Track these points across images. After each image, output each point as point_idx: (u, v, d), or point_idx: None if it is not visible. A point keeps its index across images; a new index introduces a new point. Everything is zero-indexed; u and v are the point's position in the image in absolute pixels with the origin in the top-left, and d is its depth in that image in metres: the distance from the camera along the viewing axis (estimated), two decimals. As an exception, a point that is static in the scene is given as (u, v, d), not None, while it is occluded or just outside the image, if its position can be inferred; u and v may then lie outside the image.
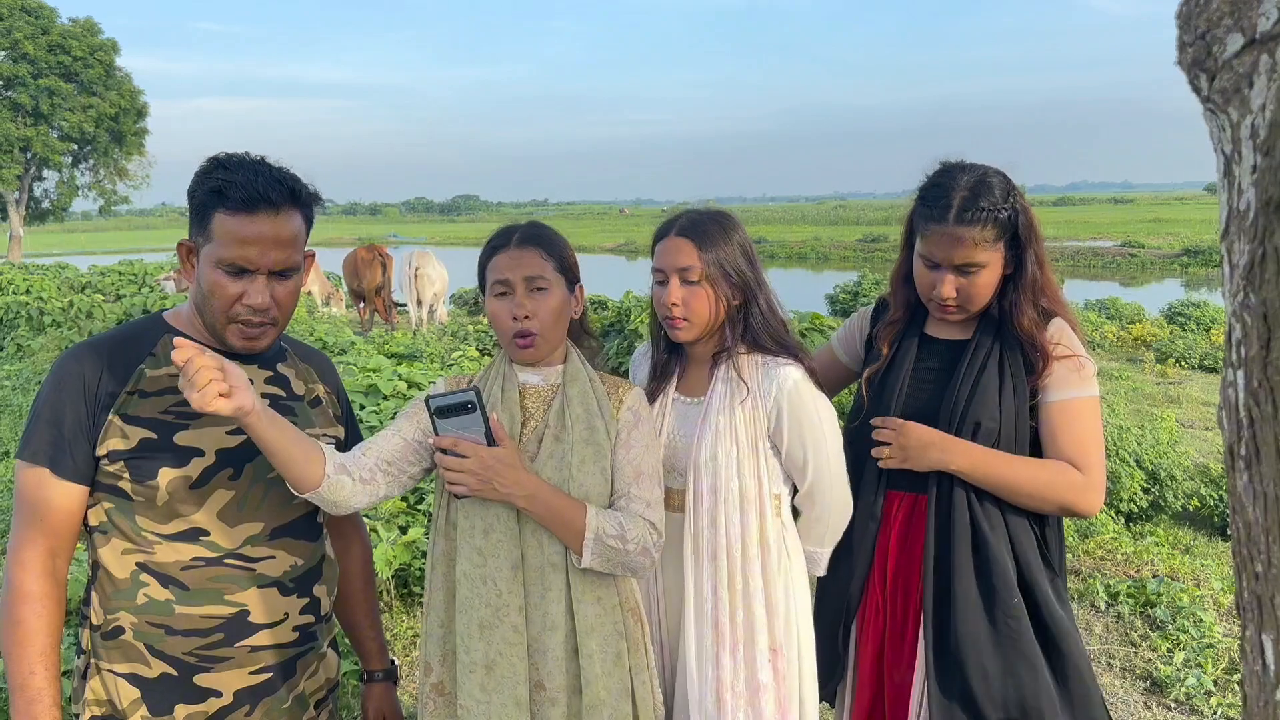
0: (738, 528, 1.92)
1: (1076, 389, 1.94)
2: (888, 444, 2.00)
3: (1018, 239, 1.96)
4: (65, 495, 1.61)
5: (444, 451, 1.71)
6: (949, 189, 1.93)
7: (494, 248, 1.84)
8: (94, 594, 1.67)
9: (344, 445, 1.86)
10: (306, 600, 1.75)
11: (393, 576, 4.26)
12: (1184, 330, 14.47)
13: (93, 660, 1.66)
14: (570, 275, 1.86)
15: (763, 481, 1.94)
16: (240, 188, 1.59)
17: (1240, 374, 0.66)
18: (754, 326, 1.98)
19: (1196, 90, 0.70)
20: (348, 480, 1.71)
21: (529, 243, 1.81)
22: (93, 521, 1.65)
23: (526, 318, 1.78)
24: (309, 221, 1.73)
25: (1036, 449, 1.98)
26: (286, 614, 1.71)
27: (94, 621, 1.66)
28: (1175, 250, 36.39)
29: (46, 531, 1.61)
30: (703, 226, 1.96)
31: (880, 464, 2.02)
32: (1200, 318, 15.16)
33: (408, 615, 4.28)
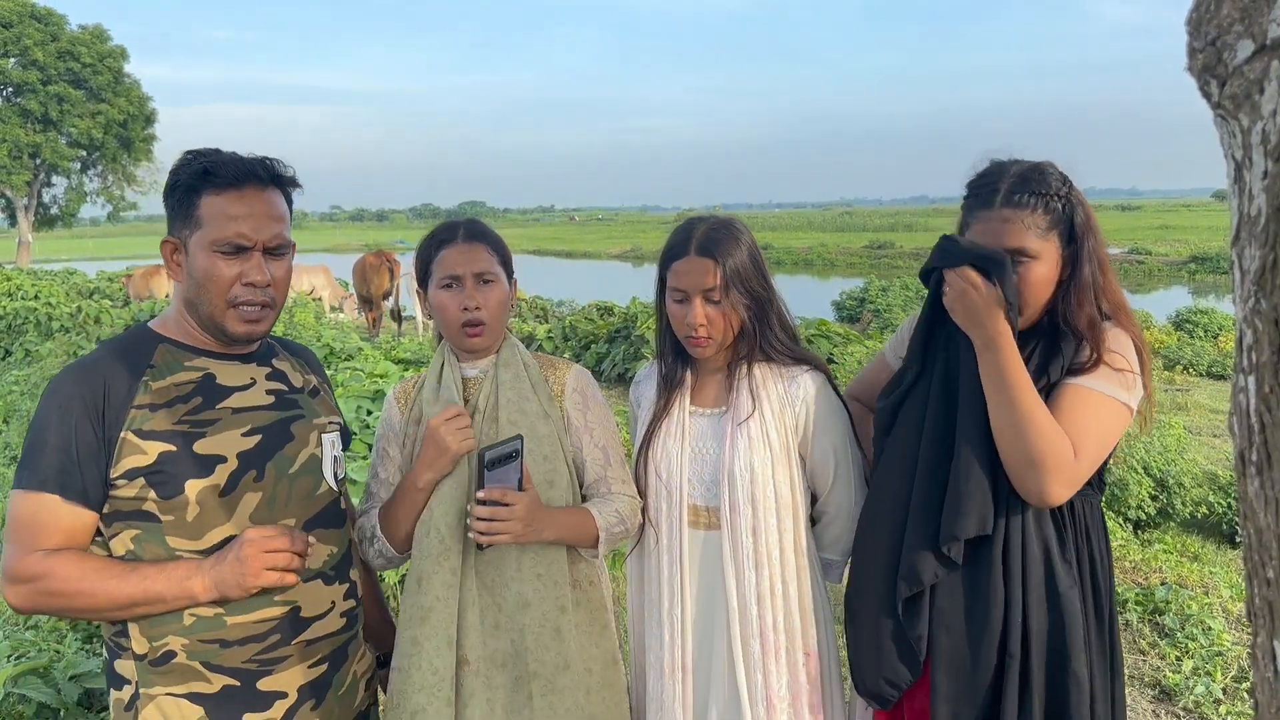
0: (776, 534, 1.94)
1: (1106, 384, 1.71)
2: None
3: (1074, 235, 1.77)
4: (75, 518, 1.56)
5: (482, 502, 1.71)
6: (998, 176, 1.80)
7: (440, 242, 1.92)
8: (132, 625, 1.60)
9: (343, 430, 1.89)
10: (347, 585, 1.78)
11: (400, 581, 4.26)
12: (1191, 337, 14.43)
13: (142, 690, 1.61)
14: (509, 268, 1.96)
15: (795, 487, 1.97)
16: (227, 165, 1.60)
17: (1251, 379, 0.66)
18: (770, 335, 1.99)
19: (1207, 96, 0.70)
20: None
21: (476, 238, 1.91)
22: (118, 551, 1.60)
23: (478, 308, 1.86)
24: (290, 205, 1.73)
25: None
26: (333, 602, 1.73)
27: (137, 651, 1.61)
28: (1183, 257, 36.33)
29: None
30: (720, 242, 1.94)
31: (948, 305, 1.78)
32: (1208, 324, 15.13)
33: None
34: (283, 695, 1.65)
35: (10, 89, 34.78)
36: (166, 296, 16.15)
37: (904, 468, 1.85)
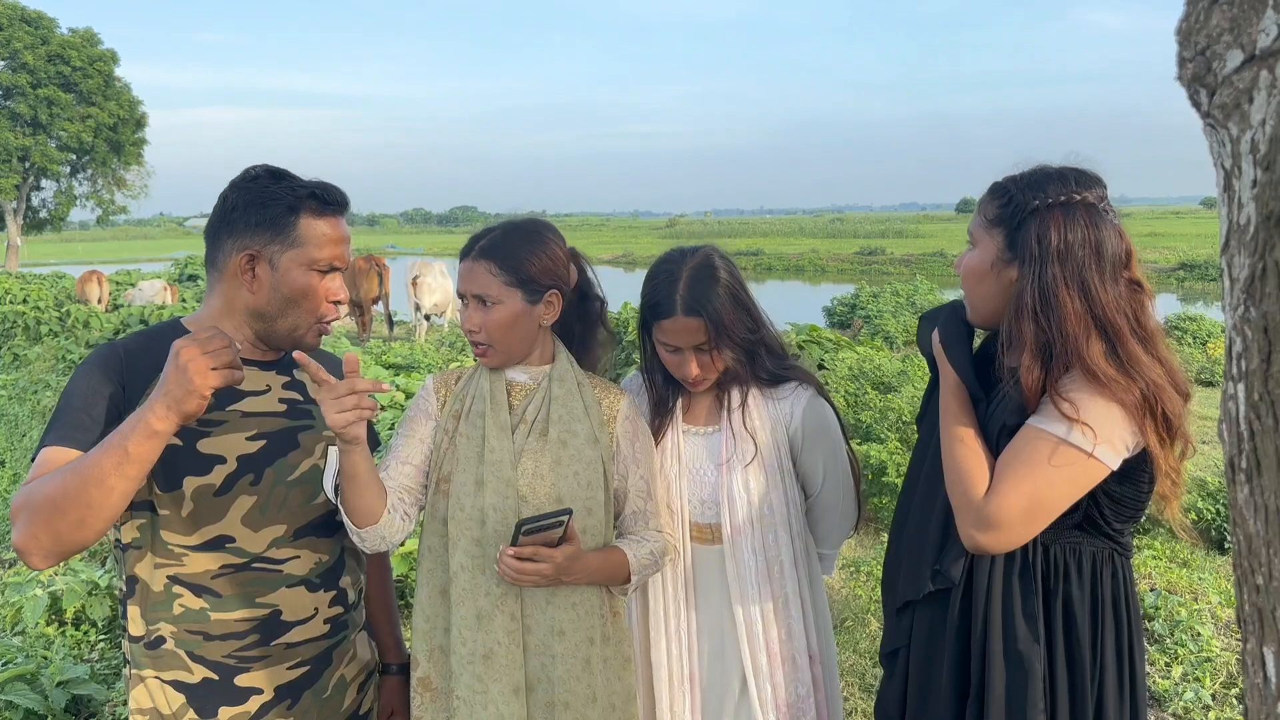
0: (775, 549, 1.98)
1: (1045, 421, 1.57)
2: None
3: (1020, 252, 1.63)
4: None
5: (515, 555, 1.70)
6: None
7: (460, 254, 1.88)
8: (132, 607, 1.70)
9: None
10: (334, 593, 1.80)
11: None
12: (1180, 344, 14.48)
13: (134, 670, 1.71)
14: (534, 284, 1.83)
15: (790, 501, 2.01)
16: (329, 191, 1.71)
17: (1241, 387, 0.67)
18: (760, 368, 2.01)
19: (1196, 105, 0.71)
20: (396, 517, 1.78)
21: (484, 255, 1.83)
22: (126, 539, 1.69)
23: (475, 331, 1.83)
24: None
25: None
26: (316, 609, 1.76)
27: (134, 633, 1.70)
28: (1172, 264, 36.46)
29: None
30: (704, 298, 1.91)
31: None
32: (1197, 331, 15.18)
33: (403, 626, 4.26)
34: (259, 691, 1.71)
35: (0, 92, 34.64)
36: (99, 300, 17.42)
37: (903, 513, 1.87)
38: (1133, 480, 1.62)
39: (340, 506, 1.74)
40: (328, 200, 1.71)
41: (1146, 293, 1.65)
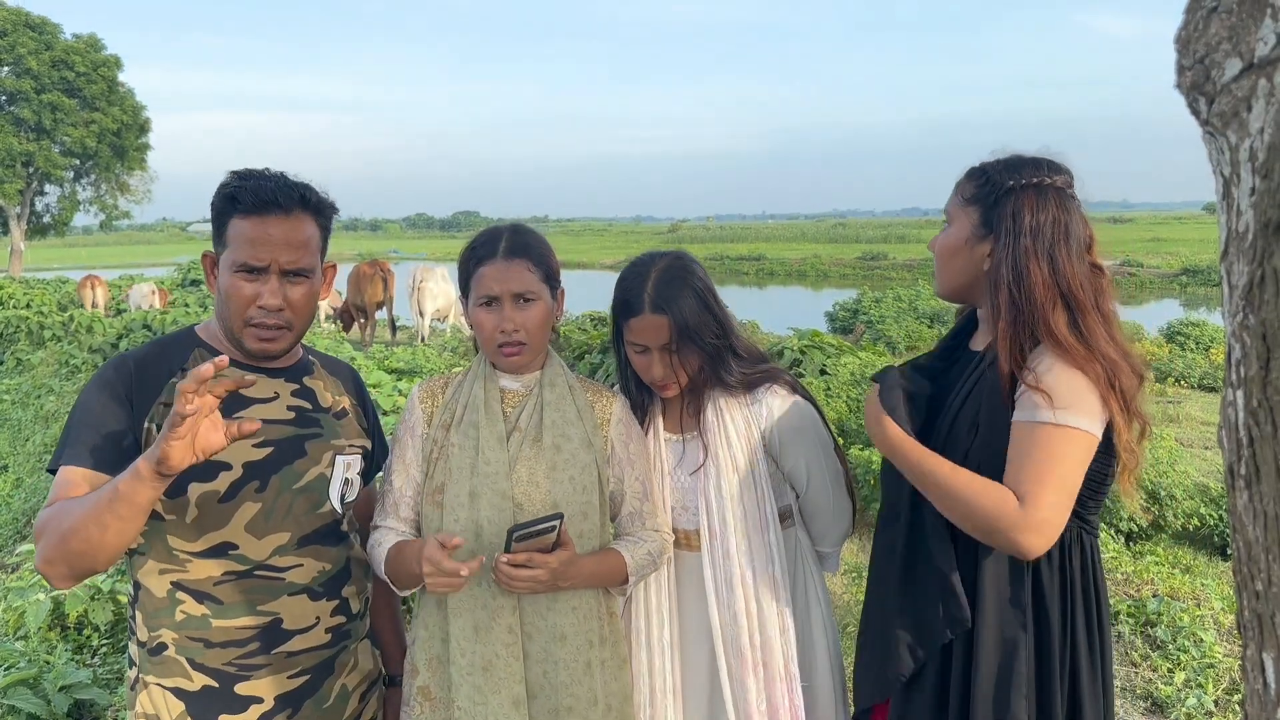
0: (747, 555, 1.96)
1: (1034, 411, 1.63)
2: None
3: (994, 227, 1.72)
4: (98, 480, 1.58)
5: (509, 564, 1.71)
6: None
7: (480, 258, 1.84)
8: (138, 612, 1.72)
9: (371, 454, 1.92)
10: (337, 602, 1.80)
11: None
12: (1183, 349, 14.46)
13: (140, 675, 1.71)
14: (554, 280, 1.89)
15: (764, 504, 1.99)
16: (251, 192, 1.66)
17: (1240, 394, 0.67)
18: (727, 374, 1.99)
19: (1195, 113, 0.71)
20: None
21: (517, 254, 1.82)
22: (132, 543, 1.65)
23: (515, 330, 1.80)
24: (325, 231, 1.77)
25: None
26: (318, 618, 1.76)
27: (139, 638, 1.72)
28: (1174, 269, 36.43)
29: None
30: (672, 298, 1.90)
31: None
32: (1199, 337, 15.15)
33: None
34: (259, 700, 1.70)
35: (4, 97, 34.69)
36: (93, 305, 17.81)
37: (890, 558, 1.87)
38: (1100, 453, 1.68)
39: (387, 578, 1.83)
40: (240, 200, 1.66)
41: (1106, 278, 1.76)
